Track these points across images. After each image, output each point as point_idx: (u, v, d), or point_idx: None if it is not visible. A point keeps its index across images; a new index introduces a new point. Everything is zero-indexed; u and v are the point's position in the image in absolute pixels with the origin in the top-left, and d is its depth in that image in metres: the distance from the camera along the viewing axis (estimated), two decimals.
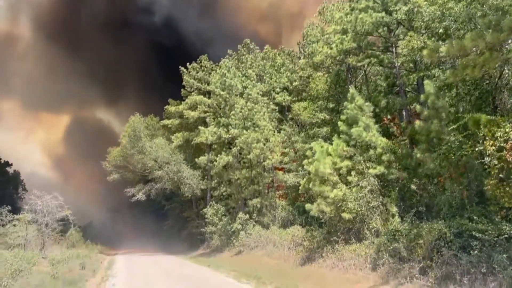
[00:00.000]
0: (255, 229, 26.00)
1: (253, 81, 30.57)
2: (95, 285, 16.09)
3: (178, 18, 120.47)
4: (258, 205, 27.40)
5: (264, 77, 33.46)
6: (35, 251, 21.54)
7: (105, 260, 29.27)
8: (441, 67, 19.48)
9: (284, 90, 33.54)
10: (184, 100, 39.96)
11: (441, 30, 16.02)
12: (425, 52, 12.64)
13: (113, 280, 17.44)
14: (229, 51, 37.98)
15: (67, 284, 14.60)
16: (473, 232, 10.88)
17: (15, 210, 24.26)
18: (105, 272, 20.84)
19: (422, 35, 17.66)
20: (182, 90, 40.18)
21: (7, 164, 62.16)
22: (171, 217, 55.94)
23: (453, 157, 13.92)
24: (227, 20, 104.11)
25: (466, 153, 13.42)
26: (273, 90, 33.14)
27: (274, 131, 28.91)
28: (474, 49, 11.02)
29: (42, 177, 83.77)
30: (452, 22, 14.73)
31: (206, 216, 31.10)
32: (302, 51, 34.17)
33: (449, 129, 14.10)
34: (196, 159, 34.85)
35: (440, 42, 14.32)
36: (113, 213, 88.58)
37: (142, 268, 23.27)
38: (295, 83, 32.59)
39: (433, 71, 19.73)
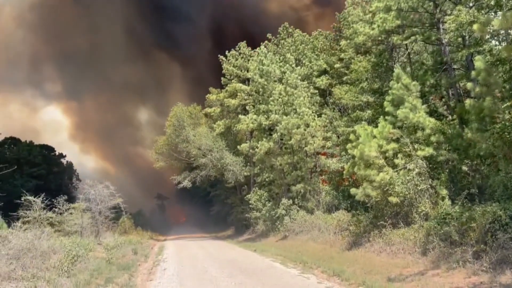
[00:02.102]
0: (299, 214, 26.01)
1: (292, 65, 30.23)
2: (147, 270, 16.75)
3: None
4: (302, 191, 27.35)
5: (303, 61, 33.02)
6: (91, 237, 22.73)
7: (155, 245, 30.43)
8: (493, 41, 18.35)
9: (325, 74, 32.98)
10: (224, 88, 40.32)
11: (492, 2, 15.03)
12: (475, 26, 11.84)
13: (164, 264, 18.10)
14: (269, 35, 38.02)
15: (121, 269, 15.31)
16: None
17: (71, 199, 25.56)
18: (156, 257, 21.68)
19: (471, 8, 16.66)
20: (222, 78, 40.51)
21: (61, 155, 65.61)
22: (216, 203, 57.20)
23: (507, 136, 13.16)
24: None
25: None
26: (312, 74, 32.68)
27: (315, 116, 28.55)
28: None
29: (91, 168, 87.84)
30: None
31: (250, 202, 31.51)
32: (339, 33, 33.39)
33: (503, 106, 13.28)
34: (238, 146, 35.22)
35: (492, 15, 13.46)
36: (161, 200, 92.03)
37: (191, 253, 23.97)
38: (336, 65, 31.93)
39: (484, 46, 18.62)
